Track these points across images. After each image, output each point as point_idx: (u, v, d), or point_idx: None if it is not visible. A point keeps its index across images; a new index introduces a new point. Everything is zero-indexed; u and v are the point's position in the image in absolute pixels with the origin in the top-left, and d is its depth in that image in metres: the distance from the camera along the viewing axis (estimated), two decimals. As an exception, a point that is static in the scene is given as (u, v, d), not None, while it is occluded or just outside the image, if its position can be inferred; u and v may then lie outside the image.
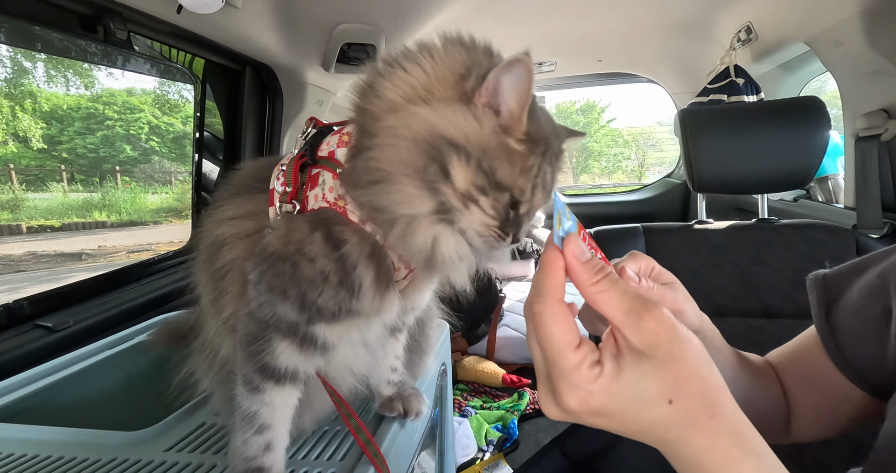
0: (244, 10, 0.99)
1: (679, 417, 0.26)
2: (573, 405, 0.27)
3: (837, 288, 0.49)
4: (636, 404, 0.27)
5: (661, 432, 0.27)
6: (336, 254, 0.41)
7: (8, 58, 6.16)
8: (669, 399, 0.26)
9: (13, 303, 0.83)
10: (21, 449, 0.55)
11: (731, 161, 1.03)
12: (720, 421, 0.27)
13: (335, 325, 0.44)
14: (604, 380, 0.27)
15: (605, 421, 0.28)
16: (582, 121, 13.86)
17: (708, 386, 0.27)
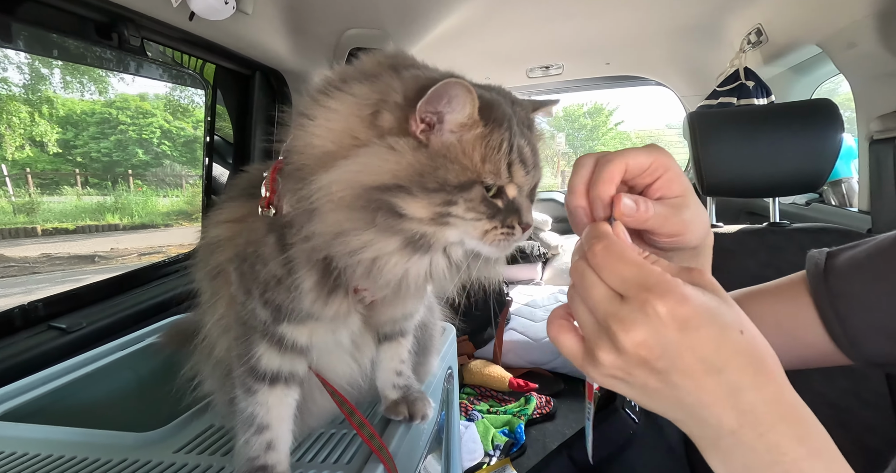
0: (255, 16, 1.01)
1: (752, 353, 0.26)
2: (662, 311, 0.25)
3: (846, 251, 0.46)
4: (719, 323, 0.25)
5: (736, 371, 0.25)
6: (283, 257, 0.41)
7: (26, 64, 6.30)
8: (741, 329, 0.26)
9: (28, 305, 0.85)
10: (35, 449, 0.55)
11: (741, 164, 1.02)
12: (780, 372, 0.26)
13: (299, 326, 0.45)
14: (694, 291, 0.26)
15: (687, 341, 0.25)
16: (590, 123, 13.81)
17: (766, 343, 0.27)
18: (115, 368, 0.77)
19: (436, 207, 0.35)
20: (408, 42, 1.41)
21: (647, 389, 0.27)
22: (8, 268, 6.07)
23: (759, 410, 0.25)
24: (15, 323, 0.83)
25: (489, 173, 0.36)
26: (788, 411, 0.26)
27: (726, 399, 0.26)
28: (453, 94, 0.34)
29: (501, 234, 0.37)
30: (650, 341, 0.26)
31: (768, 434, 0.25)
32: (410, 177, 0.35)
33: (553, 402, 1.69)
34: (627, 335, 0.26)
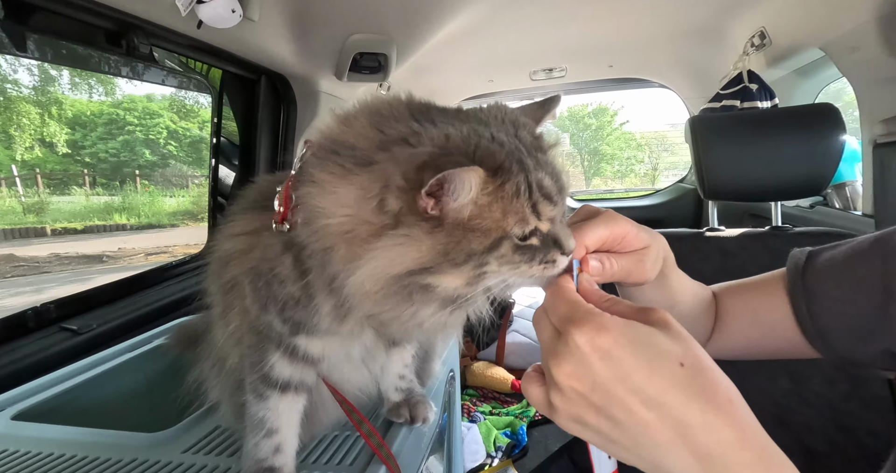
0: (261, 22, 1.02)
1: (695, 388, 0.24)
2: (580, 341, 0.25)
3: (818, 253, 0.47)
4: (647, 355, 0.24)
5: (680, 406, 0.24)
6: (302, 282, 0.42)
7: (36, 66, 6.36)
8: (681, 362, 0.24)
9: (40, 307, 0.87)
10: (48, 448, 0.57)
11: (742, 168, 1.02)
12: (743, 411, 0.24)
13: (314, 339, 0.46)
14: (617, 321, 0.26)
15: (612, 372, 0.24)
16: (594, 124, 13.76)
17: (720, 377, 0.25)
18: (125, 369, 0.78)
19: (468, 273, 0.34)
20: (411, 47, 1.42)
21: (602, 433, 0.26)
22: (18, 268, 6.16)
23: (717, 454, 0.23)
24: (28, 325, 0.85)
25: (514, 225, 0.34)
26: (753, 457, 0.23)
27: (679, 440, 0.24)
28: (453, 180, 0.32)
29: (542, 269, 0.36)
30: (577, 372, 0.25)
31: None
32: (435, 258, 0.33)
33: (555, 404, 1.70)
34: (558, 368, 0.26)
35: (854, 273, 0.43)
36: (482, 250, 0.34)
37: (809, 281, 0.45)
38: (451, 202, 0.33)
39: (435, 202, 0.33)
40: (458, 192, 0.32)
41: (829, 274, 0.45)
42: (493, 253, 0.34)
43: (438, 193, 0.33)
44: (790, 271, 0.47)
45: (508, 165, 0.34)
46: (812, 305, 0.45)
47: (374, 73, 1.41)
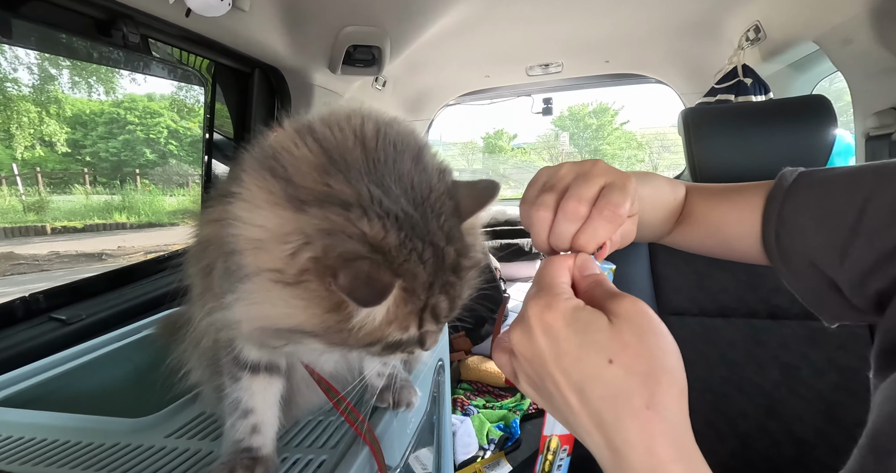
0: (252, 13, 1.02)
1: (614, 386, 0.25)
2: (530, 313, 0.28)
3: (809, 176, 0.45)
4: (579, 341, 0.26)
5: (596, 398, 0.25)
6: None
7: (36, 65, 6.37)
8: (610, 359, 0.25)
9: (29, 297, 0.87)
10: (31, 433, 0.57)
11: (734, 160, 1.02)
12: (661, 420, 0.24)
13: None
14: (565, 303, 0.27)
15: (549, 347, 0.26)
16: (595, 123, 13.75)
17: (656, 379, 0.25)
18: (113, 358, 0.78)
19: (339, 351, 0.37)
20: (406, 40, 1.42)
21: (542, 400, 0.29)
22: (18, 265, 6.17)
23: (624, 453, 0.24)
24: (16, 315, 0.85)
25: (396, 331, 0.35)
26: (657, 464, 0.24)
27: (595, 427, 0.25)
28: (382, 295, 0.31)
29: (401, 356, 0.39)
30: (523, 340, 0.28)
31: None
32: (315, 329, 0.34)
33: (550, 399, 1.70)
34: (513, 332, 0.29)
35: (832, 203, 0.41)
36: (357, 345, 0.35)
37: (787, 208, 0.44)
38: None
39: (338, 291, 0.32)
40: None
41: (808, 202, 0.43)
42: (365, 349, 0.36)
43: None
44: (774, 192, 0.46)
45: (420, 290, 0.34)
46: (781, 231, 0.44)
47: (369, 66, 1.41)
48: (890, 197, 0.38)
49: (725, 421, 0.91)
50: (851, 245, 0.39)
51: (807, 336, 0.94)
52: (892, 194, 0.38)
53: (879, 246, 0.37)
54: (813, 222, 0.42)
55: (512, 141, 15.85)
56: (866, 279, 0.38)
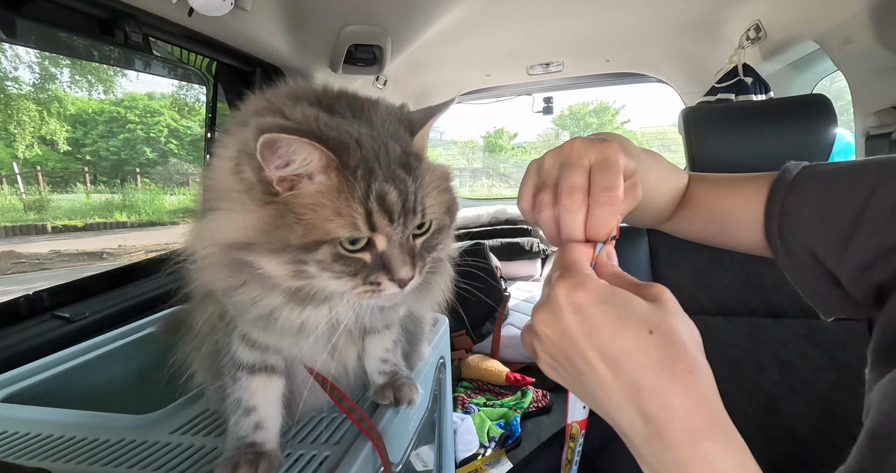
0: (253, 12, 1.02)
1: (657, 354, 0.25)
2: (559, 292, 0.27)
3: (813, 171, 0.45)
4: (617, 315, 0.25)
5: (635, 369, 0.25)
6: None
7: (36, 63, 6.36)
8: (650, 330, 0.25)
9: (33, 295, 0.88)
10: (36, 429, 0.58)
11: (734, 159, 1.02)
12: (701, 384, 0.25)
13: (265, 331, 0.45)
14: (598, 283, 0.27)
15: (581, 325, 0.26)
16: (596, 122, 13.74)
17: (692, 350, 0.25)
18: (116, 356, 0.79)
19: (288, 266, 0.33)
20: (406, 39, 1.42)
21: (568, 379, 0.29)
22: (19, 264, 6.18)
23: (662, 420, 0.24)
24: (20, 312, 0.85)
25: (341, 228, 0.33)
26: (699, 427, 0.24)
27: (629, 399, 0.25)
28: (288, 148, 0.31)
29: (365, 292, 0.34)
30: (549, 320, 0.28)
31: (674, 449, 0.24)
32: (257, 235, 0.32)
33: (549, 396, 1.70)
34: (537, 314, 0.29)
35: (835, 197, 0.41)
36: (298, 246, 0.32)
37: (790, 200, 0.43)
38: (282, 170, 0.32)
39: (280, 178, 0.32)
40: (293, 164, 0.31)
41: (811, 195, 0.43)
42: (312, 255, 0.33)
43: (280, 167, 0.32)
44: (777, 185, 0.45)
45: (354, 164, 0.32)
46: (784, 223, 0.44)
47: (370, 65, 1.41)
48: (893, 191, 0.38)
49: (725, 419, 0.92)
50: (853, 238, 0.39)
51: (806, 334, 0.94)
52: (894, 189, 0.38)
53: (881, 240, 0.37)
54: (815, 215, 0.42)
55: (512, 140, 15.84)
56: (866, 272, 0.39)
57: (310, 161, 0.31)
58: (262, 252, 0.33)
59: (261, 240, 0.32)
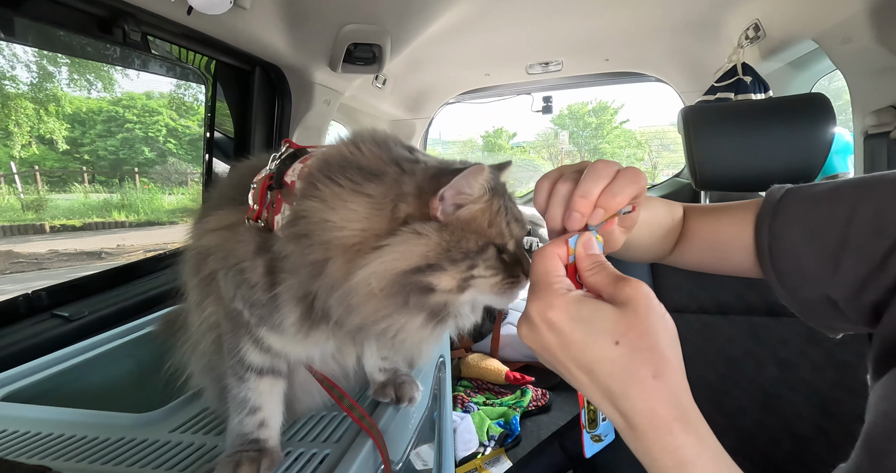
0: (252, 11, 1.02)
1: (622, 363, 0.28)
2: (533, 313, 0.30)
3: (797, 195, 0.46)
4: (585, 330, 0.29)
5: (604, 376, 0.28)
6: (270, 293, 0.43)
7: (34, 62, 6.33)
8: (616, 341, 0.28)
9: (32, 294, 0.88)
10: (36, 428, 0.58)
11: (733, 158, 1.02)
12: (664, 386, 0.27)
13: (276, 336, 0.47)
14: (566, 299, 0.30)
15: (556, 340, 0.30)
16: (595, 122, 13.75)
17: (660, 352, 0.28)
18: (116, 354, 0.79)
19: (462, 274, 0.39)
20: (406, 38, 1.42)
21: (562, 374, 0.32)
22: (17, 264, 6.16)
23: (631, 417, 0.28)
24: (19, 311, 0.85)
25: (496, 235, 0.41)
26: (661, 424, 0.27)
27: (606, 400, 0.29)
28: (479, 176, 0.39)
29: (508, 283, 0.41)
30: (530, 335, 0.31)
31: (642, 440, 0.28)
32: (439, 254, 0.38)
33: (549, 395, 1.71)
34: (521, 327, 0.33)
35: (818, 217, 0.42)
36: (476, 250, 0.39)
37: (777, 224, 0.45)
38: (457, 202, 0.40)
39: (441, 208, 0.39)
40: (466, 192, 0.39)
41: (796, 217, 0.44)
42: (482, 256, 0.40)
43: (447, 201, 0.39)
44: (763, 209, 0.47)
45: (492, 188, 0.41)
46: (774, 246, 0.45)
47: (369, 64, 1.41)
48: (872, 208, 0.39)
49: (724, 418, 0.92)
50: (842, 257, 0.40)
51: (805, 332, 0.94)
52: (873, 206, 0.39)
53: (869, 256, 0.38)
54: (803, 236, 0.43)
55: (511, 139, 15.84)
56: (860, 292, 0.39)
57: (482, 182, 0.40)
58: (443, 267, 0.39)
59: (443, 258, 0.38)
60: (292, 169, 0.46)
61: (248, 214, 0.46)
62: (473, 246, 0.39)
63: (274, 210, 0.45)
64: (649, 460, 0.28)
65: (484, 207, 0.41)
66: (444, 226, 0.39)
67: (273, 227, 0.45)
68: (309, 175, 0.42)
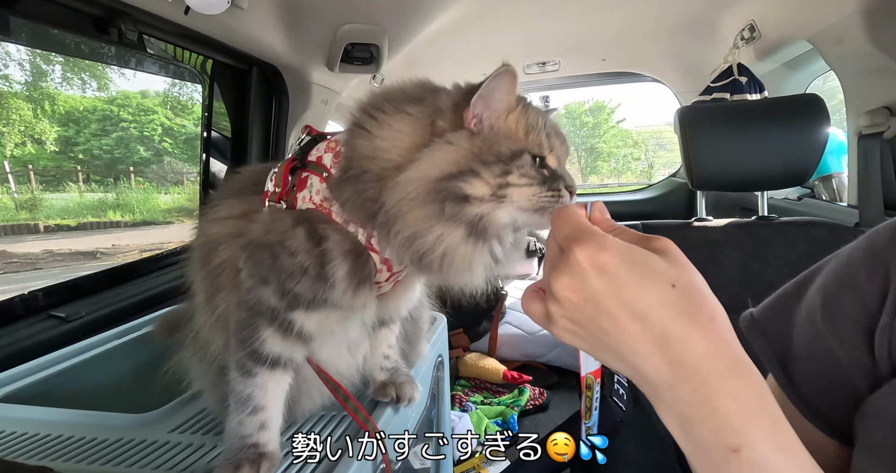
0: (250, 10, 1.02)
1: (682, 306, 0.26)
2: (581, 257, 0.27)
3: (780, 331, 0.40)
4: (641, 272, 0.27)
5: (662, 320, 0.26)
6: (317, 250, 0.44)
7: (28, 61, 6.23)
8: (673, 283, 0.26)
9: (28, 294, 0.87)
10: (35, 429, 0.57)
11: (729, 158, 1.03)
12: (723, 328, 0.26)
13: (312, 313, 0.46)
14: (617, 242, 0.28)
15: (608, 286, 0.27)
16: (591, 121, 13.76)
17: (710, 296, 0.27)
18: (113, 355, 0.79)
19: (496, 180, 0.40)
20: (403, 38, 1.42)
21: (590, 341, 0.29)
22: (10, 264, 6.11)
23: (689, 363, 0.26)
24: (15, 312, 0.85)
25: (533, 144, 0.42)
26: (723, 366, 0.26)
27: (656, 349, 0.26)
28: (506, 78, 0.41)
29: (549, 196, 0.41)
30: (573, 284, 0.28)
31: (701, 388, 0.26)
32: (470, 159, 0.40)
33: (546, 394, 1.71)
34: (557, 281, 0.29)
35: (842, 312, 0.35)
36: (509, 154, 0.41)
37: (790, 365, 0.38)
38: (490, 112, 0.42)
39: (476, 120, 0.42)
40: (503, 93, 0.41)
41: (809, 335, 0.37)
42: (516, 162, 0.41)
43: (479, 113, 0.41)
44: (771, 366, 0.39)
45: (529, 105, 0.44)
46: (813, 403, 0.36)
47: (367, 64, 1.41)
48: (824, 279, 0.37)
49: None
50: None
51: (800, 331, 0.95)
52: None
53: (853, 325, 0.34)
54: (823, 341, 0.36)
55: (508, 139, 15.75)
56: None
57: (513, 93, 0.42)
58: (476, 171, 0.40)
59: (473, 162, 0.40)
60: (316, 148, 0.49)
61: (269, 197, 0.48)
62: (506, 151, 0.41)
63: (299, 188, 0.47)
64: (708, 410, 0.26)
65: (518, 117, 0.42)
66: (477, 134, 0.41)
67: (294, 207, 0.46)
68: (351, 124, 0.45)
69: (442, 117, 0.42)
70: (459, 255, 0.41)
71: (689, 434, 0.27)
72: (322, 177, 0.46)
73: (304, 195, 0.47)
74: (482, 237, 0.41)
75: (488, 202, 0.40)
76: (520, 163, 0.41)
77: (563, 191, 0.42)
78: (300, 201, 0.47)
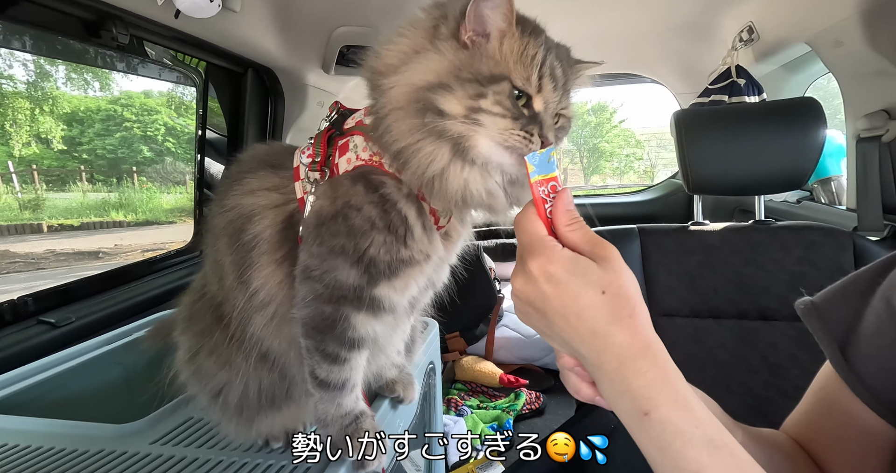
0: (242, 13, 1.02)
1: (607, 308, 0.33)
2: (533, 268, 0.34)
3: (841, 319, 0.45)
4: (579, 282, 0.33)
5: (592, 319, 0.33)
6: (376, 196, 0.44)
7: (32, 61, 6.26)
8: (603, 290, 0.33)
9: (18, 299, 0.87)
10: (14, 439, 0.57)
11: (725, 162, 1.02)
12: (638, 322, 0.33)
13: (395, 280, 0.46)
14: (563, 255, 0.35)
15: (553, 291, 0.34)
16: (594, 121, 13.72)
17: (634, 298, 0.34)
18: (103, 362, 0.78)
19: (468, 101, 0.39)
20: (399, 40, 1.42)
21: (541, 328, 0.37)
22: (13, 264, 6.14)
23: (611, 351, 0.33)
24: (4, 318, 0.84)
25: (519, 76, 0.40)
26: (635, 352, 0.33)
27: (592, 339, 0.34)
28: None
29: (518, 136, 0.39)
30: (527, 288, 0.35)
31: (619, 369, 0.33)
32: (450, 72, 0.39)
33: (543, 398, 1.70)
34: (515, 280, 0.36)
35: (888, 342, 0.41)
36: (486, 76, 0.39)
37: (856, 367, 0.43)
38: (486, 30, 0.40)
39: (474, 35, 0.40)
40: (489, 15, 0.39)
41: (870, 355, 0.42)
42: (493, 87, 0.39)
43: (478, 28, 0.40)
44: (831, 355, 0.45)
45: (536, 35, 0.41)
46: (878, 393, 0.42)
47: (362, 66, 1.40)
48: None
49: (714, 423, 0.92)
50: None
51: (795, 337, 0.94)
52: None
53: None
54: None
55: (510, 139, 15.71)
56: None
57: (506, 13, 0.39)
58: (451, 87, 0.39)
59: (452, 77, 0.39)
60: (352, 117, 0.50)
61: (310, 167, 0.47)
62: (486, 72, 0.39)
63: (339, 154, 0.47)
64: (624, 386, 0.33)
65: (513, 42, 0.40)
66: (465, 46, 0.40)
67: (335, 174, 0.47)
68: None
69: (445, 23, 0.41)
70: (453, 176, 0.41)
71: (615, 403, 0.34)
72: (366, 136, 0.46)
73: (347, 157, 0.47)
74: (467, 160, 0.41)
75: (463, 123, 0.39)
76: (497, 88, 0.39)
77: (534, 137, 0.39)
78: (343, 164, 0.47)
